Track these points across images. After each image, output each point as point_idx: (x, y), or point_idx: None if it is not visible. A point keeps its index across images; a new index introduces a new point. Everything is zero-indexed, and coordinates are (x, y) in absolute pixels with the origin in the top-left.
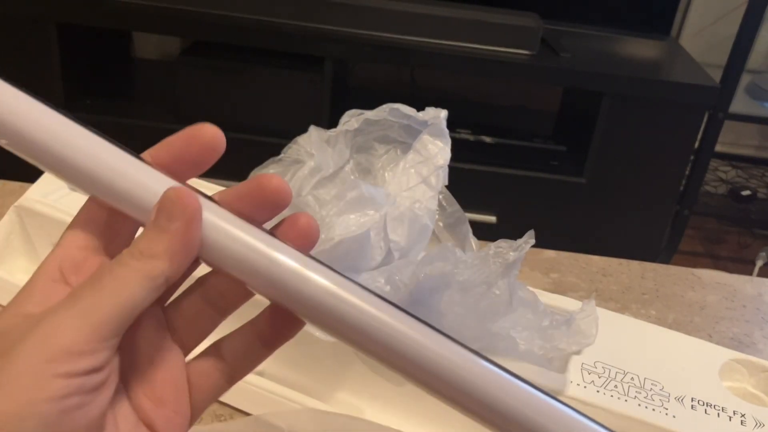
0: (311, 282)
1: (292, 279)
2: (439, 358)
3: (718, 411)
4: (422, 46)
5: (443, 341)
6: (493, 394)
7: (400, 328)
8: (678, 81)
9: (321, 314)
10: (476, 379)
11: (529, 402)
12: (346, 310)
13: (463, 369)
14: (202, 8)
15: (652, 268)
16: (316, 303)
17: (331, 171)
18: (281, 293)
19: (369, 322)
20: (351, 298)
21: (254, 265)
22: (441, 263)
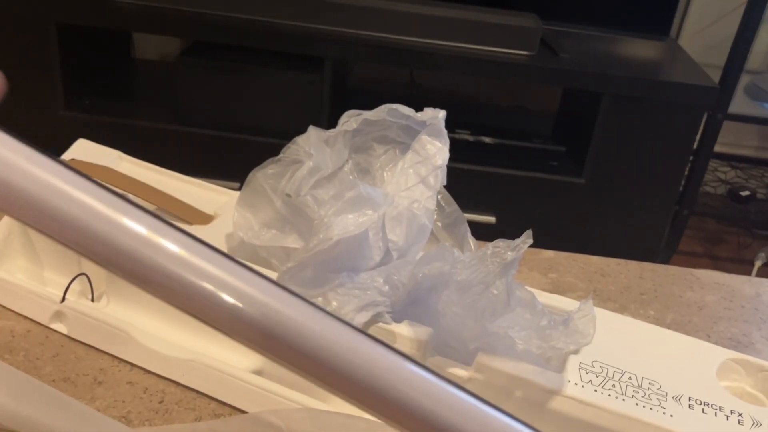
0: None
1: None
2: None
3: (715, 410)
4: (422, 46)
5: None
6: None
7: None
8: (677, 81)
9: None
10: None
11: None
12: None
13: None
14: (201, 9)
15: (651, 269)
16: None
17: (330, 171)
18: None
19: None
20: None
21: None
22: (439, 263)
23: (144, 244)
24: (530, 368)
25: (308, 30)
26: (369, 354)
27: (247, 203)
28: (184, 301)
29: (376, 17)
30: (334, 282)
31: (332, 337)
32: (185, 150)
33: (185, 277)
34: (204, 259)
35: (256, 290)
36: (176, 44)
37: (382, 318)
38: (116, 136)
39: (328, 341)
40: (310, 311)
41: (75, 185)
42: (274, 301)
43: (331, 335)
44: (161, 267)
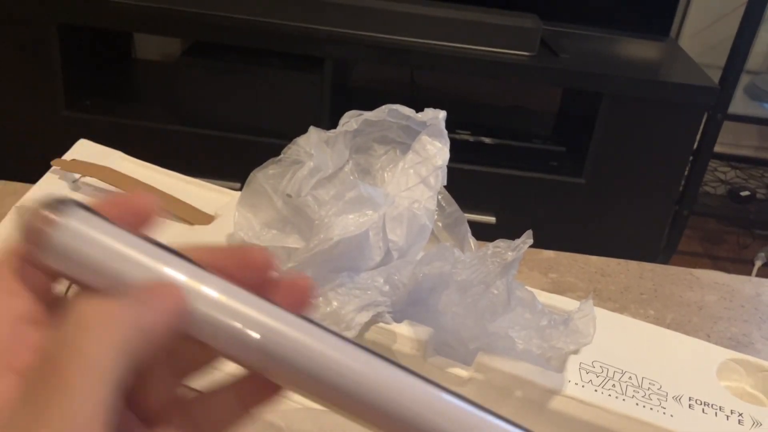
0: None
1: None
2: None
3: (715, 410)
4: (422, 47)
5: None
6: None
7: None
8: (677, 82)
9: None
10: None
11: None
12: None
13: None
14: (202, 9)
15: (651, 269)
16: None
17: (331, 171)
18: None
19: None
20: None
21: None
22: (439, 263)
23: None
24: (530, 368)
25: (309, 30)
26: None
27: (248, 203)
28: None
29: (376, 18)
30: (335, 282)
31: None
32: (186, 150)
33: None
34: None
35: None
36: (177, 44)
37: (383, 318)
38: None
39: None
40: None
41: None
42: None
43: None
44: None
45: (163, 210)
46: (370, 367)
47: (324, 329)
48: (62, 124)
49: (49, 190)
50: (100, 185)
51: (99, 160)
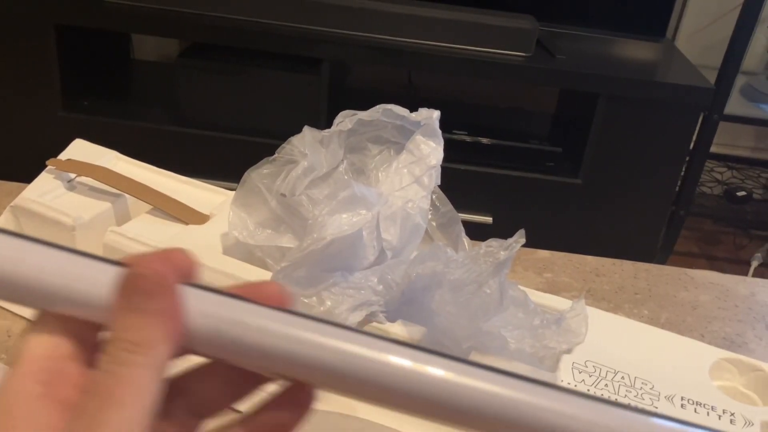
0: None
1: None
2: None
3: (707, 410)
4: (419, 48)
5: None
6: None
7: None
8: (673, 82)
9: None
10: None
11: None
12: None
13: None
14: (200, 10)
15: (645, 268)
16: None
17: (325, 171)
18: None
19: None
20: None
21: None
22: (433, 262)
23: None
24: (523, 367)
25: (306, 31)
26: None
27: (243, 203)
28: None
29: (373, 19)
30: (328, 281)
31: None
32: (184, 151)
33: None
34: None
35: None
36: (175, 45)
37: (376, 317)
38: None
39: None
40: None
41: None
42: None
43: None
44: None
45: (159, 209)
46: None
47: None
48: (59, 125)
49: (43, 190)
50: (95, 185)
51: (94, 160)
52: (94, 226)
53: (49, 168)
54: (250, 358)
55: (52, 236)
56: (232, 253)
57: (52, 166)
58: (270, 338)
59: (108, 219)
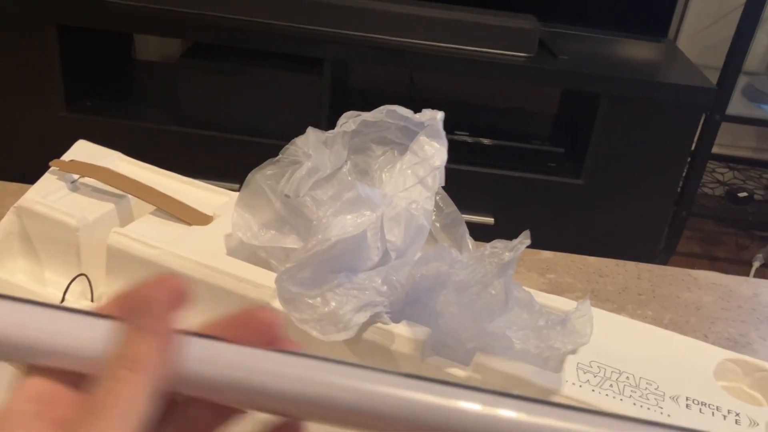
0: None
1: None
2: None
3: (712, 410)
4: (421, 48)
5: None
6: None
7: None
8: (675, 83)
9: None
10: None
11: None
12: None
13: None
14: (202, 10)
15: (648, 269)
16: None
17: (329, 172)
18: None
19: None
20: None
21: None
22: (437, 263)
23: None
24: (528, 368)
25: (308, 32)
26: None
27: (246, 204)
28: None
29: (375, 19)
30: (333, 282)
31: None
32: (186, 151)
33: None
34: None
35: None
36: (177, 46)
37: (381, 318)
38: (117, 138)
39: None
40: None
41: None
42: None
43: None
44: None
45: (162, 210)
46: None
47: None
48: (62, 125)
49: (47, 191)
50: (98, 186)
51: (97, 161)
52: (97, 226)
53: (53, 169)
54: (240, 402)
55: (55, 237)
56: (235, 254)
57: (55, 167)
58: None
59: (111, 220)
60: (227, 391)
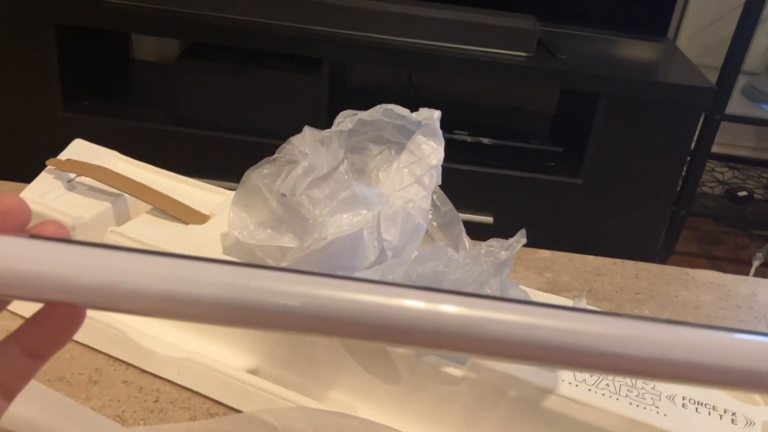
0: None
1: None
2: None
3: (708, 409)
4: (419, 48)
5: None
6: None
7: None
8: (674, 82)
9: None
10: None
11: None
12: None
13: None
14: (200, 10)
15: (647, 268)
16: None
17: (325, 171)
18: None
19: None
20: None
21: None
22: (433, 262)
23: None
24: (524, 367)
25: (306, 31)
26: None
27: (243, 203)
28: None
29: (373, 19)
30: None
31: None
32: (184, 150)
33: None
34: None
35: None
36: (175, 45)
37: None
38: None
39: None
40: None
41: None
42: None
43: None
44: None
45: (158, 209)
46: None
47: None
48: (60, 125)
49: (44, 190)
50: (95, 185)
51: (94, 160)
52: (94, 225)
53: (49, 168)
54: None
55: None
56: (232, 253)
57: (52, 166)
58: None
59: (108, 219)
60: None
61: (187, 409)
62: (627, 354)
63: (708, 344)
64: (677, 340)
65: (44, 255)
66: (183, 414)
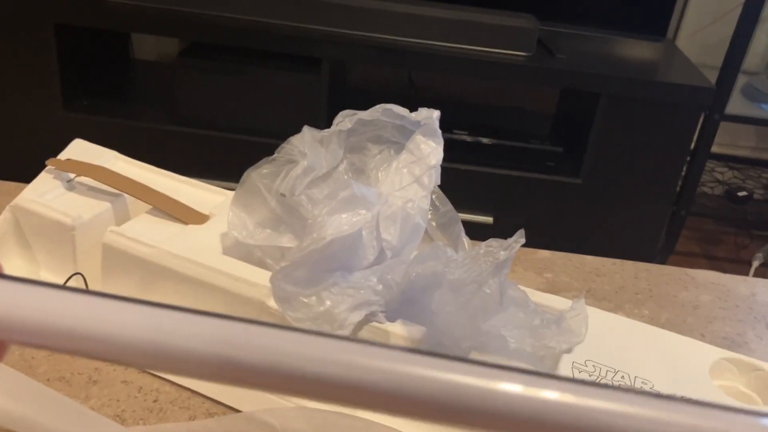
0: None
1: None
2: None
3: None
4: (419, 47)
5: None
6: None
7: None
8: (674, 82)
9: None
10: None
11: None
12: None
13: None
14: (200, 10)
15: (646, 268)
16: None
17: (324, 171)
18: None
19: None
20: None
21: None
22: (432, 262)
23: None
24: (523, 367)
25: (306, 31)
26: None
27: (242, 203)
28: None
29: (373, 18)
30: (328, 281)
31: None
32: (183, 150)
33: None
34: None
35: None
36: (174, 45)
37: (376, 317)
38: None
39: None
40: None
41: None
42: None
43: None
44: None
45: (158, 209)
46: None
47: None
48: (59, 124)
49: (43, 190)
50: (94, 185)
51: (94, 160)
52: (93, 225)
53: (49, 168)
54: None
55: (51, 236)
56: (231, 253)
57: (51, 166)
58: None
59: (107, 219)
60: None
61: (186, 409)
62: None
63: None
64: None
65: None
66: (182, 414)
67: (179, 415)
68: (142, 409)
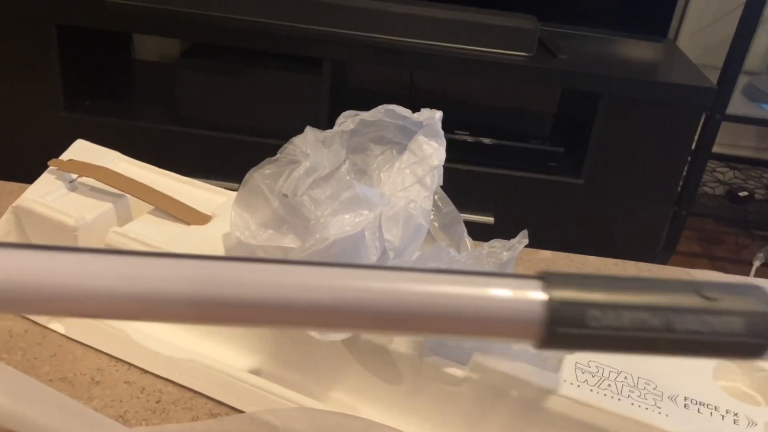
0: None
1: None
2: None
3: (711, 410)
4: (420, 48)
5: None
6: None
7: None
8: (675, 82)
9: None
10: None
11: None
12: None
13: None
14: (201, 10)
15: (648, 269)
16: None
17: (327, 171)
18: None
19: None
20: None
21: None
22: (435, 263)
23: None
24: (526, 367)
25: (307, 31)
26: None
27: (244, 203)
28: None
29: (374, 19)
30: None
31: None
32: (185, 151)
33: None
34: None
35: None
36: (176, 45)
37: None
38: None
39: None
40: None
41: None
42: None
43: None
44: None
45: (160, 210)
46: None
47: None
48: (61, 125)
49: (45, 191)
50: (97, 185)
51: (96, 160)
52: (96, 226)
53: (51, 168)
54: None
55: (54, 237)
56: (234, 254)
57: (53, 167)
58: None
59: (110, 219)
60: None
61: (189, 410)
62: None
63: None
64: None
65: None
66: (185, 414)
67: (182, 415)
68: (144, 409)
